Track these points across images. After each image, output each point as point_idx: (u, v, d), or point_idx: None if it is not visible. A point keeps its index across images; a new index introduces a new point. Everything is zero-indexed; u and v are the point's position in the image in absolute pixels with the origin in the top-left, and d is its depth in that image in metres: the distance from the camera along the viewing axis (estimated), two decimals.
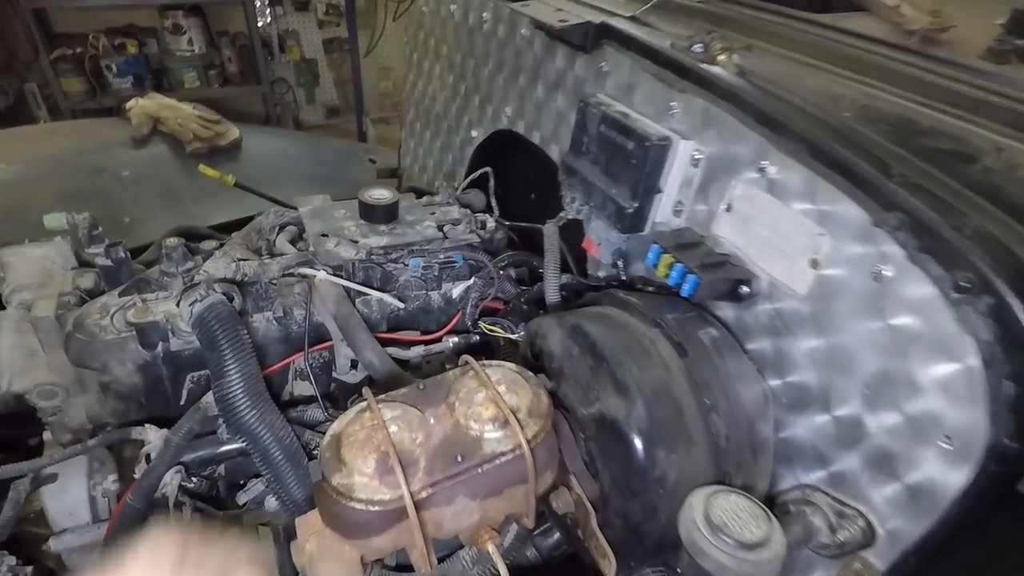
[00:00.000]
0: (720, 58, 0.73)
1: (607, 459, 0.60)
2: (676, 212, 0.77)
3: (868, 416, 0.58)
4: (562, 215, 0.91)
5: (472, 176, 1.22)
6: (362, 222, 0.98)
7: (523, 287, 1.03)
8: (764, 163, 0.65)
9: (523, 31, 1.05)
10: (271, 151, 2.11)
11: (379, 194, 0.99)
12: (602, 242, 0.86)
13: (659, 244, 0.70)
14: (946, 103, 0.67)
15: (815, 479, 0.64)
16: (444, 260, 0.96)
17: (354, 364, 0.92)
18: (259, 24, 3.99)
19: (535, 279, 1.05)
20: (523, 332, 0.90)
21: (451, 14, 1.29)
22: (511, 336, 0.90)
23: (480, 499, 0.54)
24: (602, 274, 0.93)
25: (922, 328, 0.52)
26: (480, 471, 0.53)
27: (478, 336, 0.95)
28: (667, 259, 0.69)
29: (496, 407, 0.55)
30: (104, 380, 0.82)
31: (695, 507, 0.53)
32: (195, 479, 0.82)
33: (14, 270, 0.89)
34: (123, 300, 0.83)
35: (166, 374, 0.84)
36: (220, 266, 0.86)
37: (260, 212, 1.11)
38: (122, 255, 0.86)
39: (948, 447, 0.51)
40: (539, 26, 0.95)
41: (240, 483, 0.87)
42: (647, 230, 0.80)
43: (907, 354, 0.54)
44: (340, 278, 0.90)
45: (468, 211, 1.07)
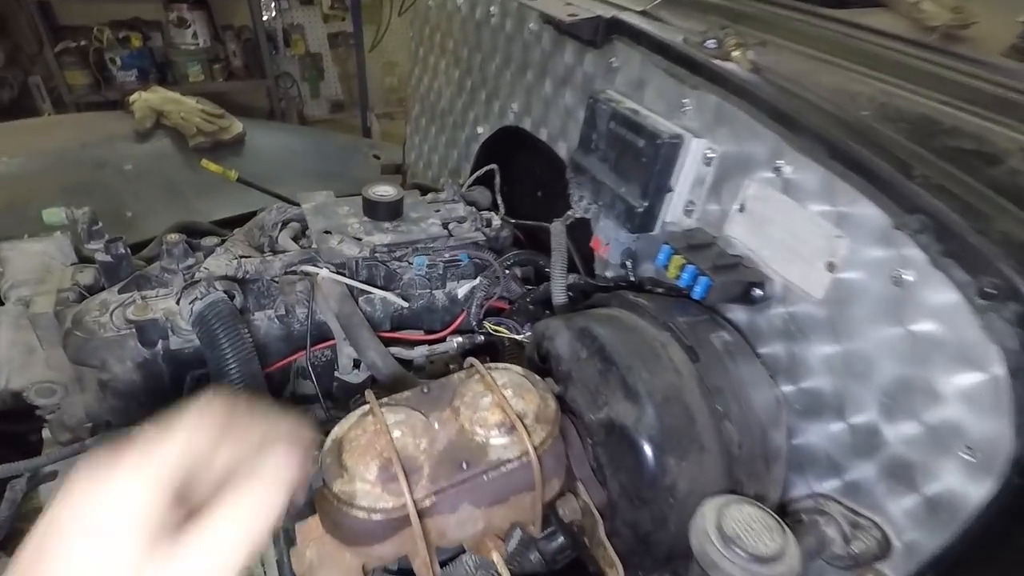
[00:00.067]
0: (734, 54, 0.71)
1: (616, 466, 0.58)
2: (687, 212, 0.75)
3: (885, 425, 0.56)
4: (570, 214, 0.89)
5: (478, 173, 1.20)
6: (366, 219, 0.97)
7: (529, 287, 1.02)
8: (779, 162, 0.63)
9: (531, 25, 1.03)
10: (275, 146, 2.09)
11: (383, 191, 0.97)
12: (611, 242, 0.84)
13: (670, 245, 0.68)
14: (968, 101, 0.64)
15: (829, 488, 0.62)
16: (449, 258, 0.95)
17: (356, 364, 0.91)
18: (264, 18, 3.98)
19: (541, 278, 1.04)
20: (529, 333, 0.89)
21: (458, 8, 1.27)
22: (516, 337, 0.89)
23: (485, 507, 0.52)
24: (610, 274, 0.91)
25: (944, 335, 0.51)
26: (485, 479, 0.51)
27: (483, 336, 0.94)
28: (678, 260, 0.67)
29: (502, 412, 0.53)
30: (103, 378, 0.81)
31: (707, 518, 0.51)
32: None
33: (13, 265, 0.88)
34: (123, 297, 0.82)
35: (166, 372, 0.83)
36: (221, 263, 0.85)
37: (263, 208, 1.10)
38: (122, 251, 0.85)
39: (970, 458, 0.50)
40: (548, 20, 0.93)
41: None
42: (657, 230, 0.78)
43: (928, 362, 0.52)
44: (343, 276, 0.89)
45: (473, 209, 1.05)
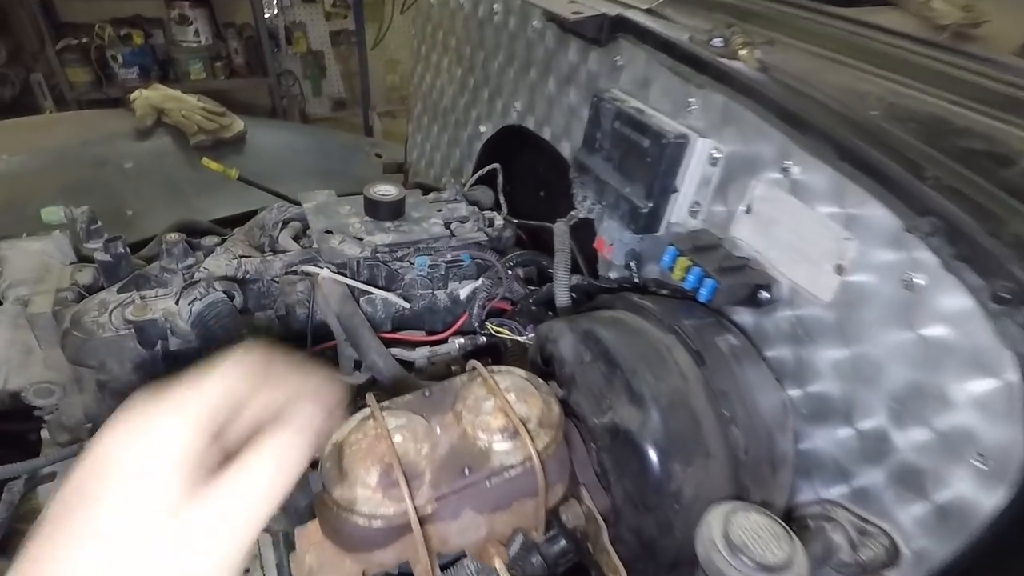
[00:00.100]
0: (741, 53, 0.70)
1: (620, 471, 0.57)
2: (692, 213, 0.74)
3: (894, 430, 0.55)
4: (573, 214, 0.88)
5: (480, 172, 1.19)
6: (367, 219, 0.96)
7: (531, 287, 1.01)
8: (787, 163, 0.62)
9: (535, 23, 1.01)
10: (276, 144, 2.09)
11: (385, 190, 0.97)
12: (614, 242, 0.83)
13: (675, 246, 0.67)
14: (980, 102, 0.63)
15: (836, 494, 0.61)
16: (451, 259, 0.94)
17: (357, 365, 0.90)
18: (266, 15, 3.97)
19: (544, 279, 1.03)
20: (531, 334, 0.88)
21: (460, 6, 1.26)
22: (519, 338, 0.88)
23: (487, 513, 0.51)
24: (614, 275, 0.90)
25: (956, 340, 0.50)
26: (488, 485, 0.50)
27: (485, 337, 0.93)
28: (684, 262, 0.66)
29: (505, 417, 0.52)
30: (101, 379, 0.80)
31: (713, 525, 0.50)
32: None
33: (11, 265, 0.87)
34: (121, 297, 0.81)
35: (165, 373, 0.82)
36: (221, 263, 0.84)
37: (264, 206, 1.09)
38: (121, 250, 0.84)
39: (982, 466, 0.49)
40: (552, 18, 0.92)
41: None
42: (662, 231, 0.77)
43: (939, 367, 0.51)
44: (344, 276, 0.88)
45: (476, 208, 1.04)
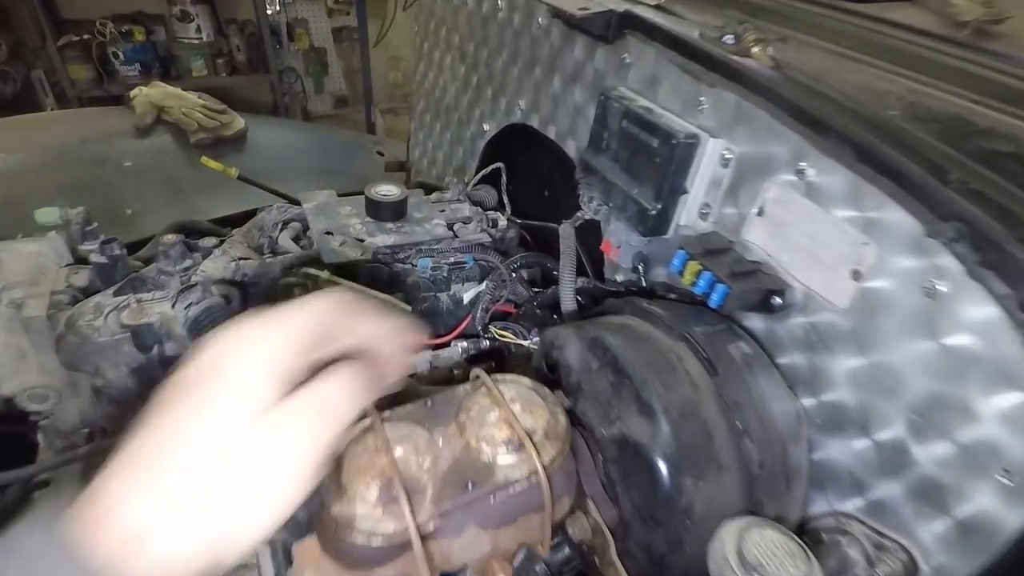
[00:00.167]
0: (754, 50, 0.68)
1: (628, 484, 0.55)
2: (702, 215, 0.72)
3: (914, 443, 0.53)
4: (579, 215, 0.86)
5: (483, 171, 1.17)
6: (368, 220, 0.94)
7: (536, 289, 0.99)
8: (802, 164, 0.60)
9: (540, 20, 0.99)
10: (277, 142, 2.07)
11: (386, 190, 0.95)
12: (622, 245, 0.81)
13: (685, 250, 0.65)
14: (1003, 101, 0.61)
15: (851, 507, 0.59)
16: (454, 261, 0.92)
17: None
18: (268, 12, 3.94)
19: (548, 281, 1.01)
20: (535, 338, 0.86)
21: (464, 2, 1.23)
22: (523, 343, 0.86)
23: (491, 529, 0.50)
24: (620, 278, 0.88)
25: (981, 351, 0.47)
26: (492, 500, 0.48)
27: (488, 341, 0.91)
28: (694, 266, 0.64)
29: (510, 428, 0.51)
30: (97, 383, 0.78)
31: (726, 542, 0.49)
32: None
33: (5, 267, 0.86)
34: (117, 300, 0.79)
35: (163, 378, 0.80)
36: (219, 265, 0.82)
37: (264, 206, 1.08)
38: (117, 252, 0.82)
39: (1007, 482, 0.47)
40: (557, 14, 0.90)
41: None
42: (670, 233, 0.75)
43: (963, 378, 0.49)
44: (345, 279, 0.86)
45: (479, 209, 1.02)
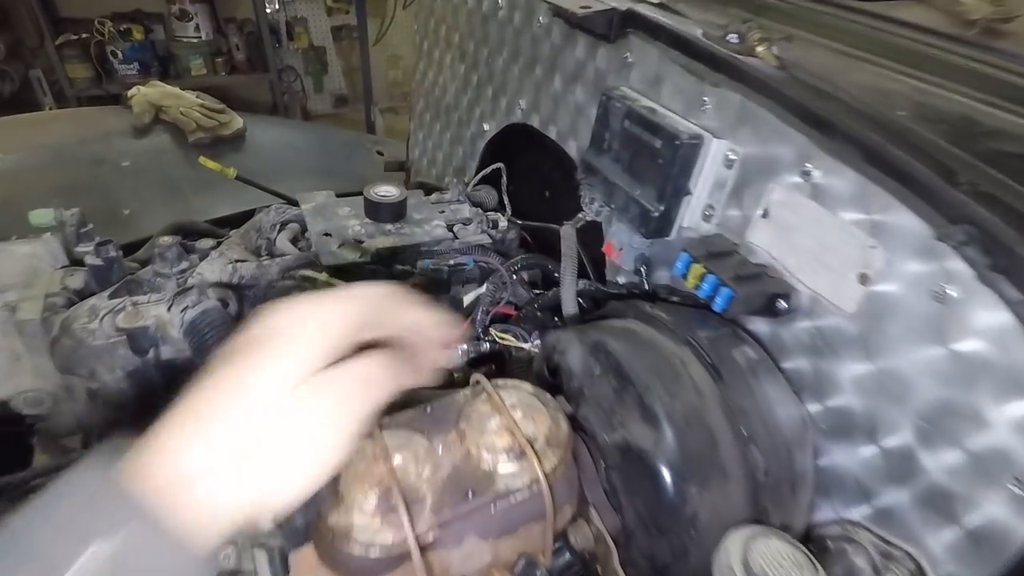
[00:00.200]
0: (758, 49, 0.67)
1: (631, 492, 0.54)
2: (706, 217, 0.71)
3: (922, 450, 0.52)
4: (580, 216, 0.85)
5: (484, 172, 1.16)
6: (367, 221, 0.93)
7: (536, 290, 0.98)
8: (808, 166, 0.59)
9: (541, 18, 0.98)
10: (276, 142, 2.05)
11: (386, 191, 0.94)
12: (624, 247, 0.80)
13: (689, 253, 0.64)
14: (1013, 101, 0.60)
15: (857, 514, 0.58)
16: (454, 263, 0.91)
17: None
18: (267, 11, 3.93)
19: (549, 282, 1.00)
20: (536, 340, 0.85)
21: (464, 0, 1.22)
22: (523, 345, 0.85)
23: (492, 539, 0.49)
24: (622, 280, 0.87)
25: (993, 357, 0.46)
26: (493, 510, 0.47)
27: (488, 344, 0.90)
28: (698, 269, 0.63)
29: (511, 436, 0.50)
30: (92, 387, 0.77)
31: (732, 552, 0.48)
32: None
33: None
34: (113, 303, 0.78)
35: (159, 382, 0.80)
36: (216, 268, 0.81)
37: (263, 206, 1.07)
38: (113, 254, 0.81)
39: (1020, 491, 0.46)
40: (558, 13, 0.89)
41: None
42: (673, 235, 0.74)
43: (973, 385, 0.48)
44: (343, 281, 0.85)
45: (479, 210, 1.01)
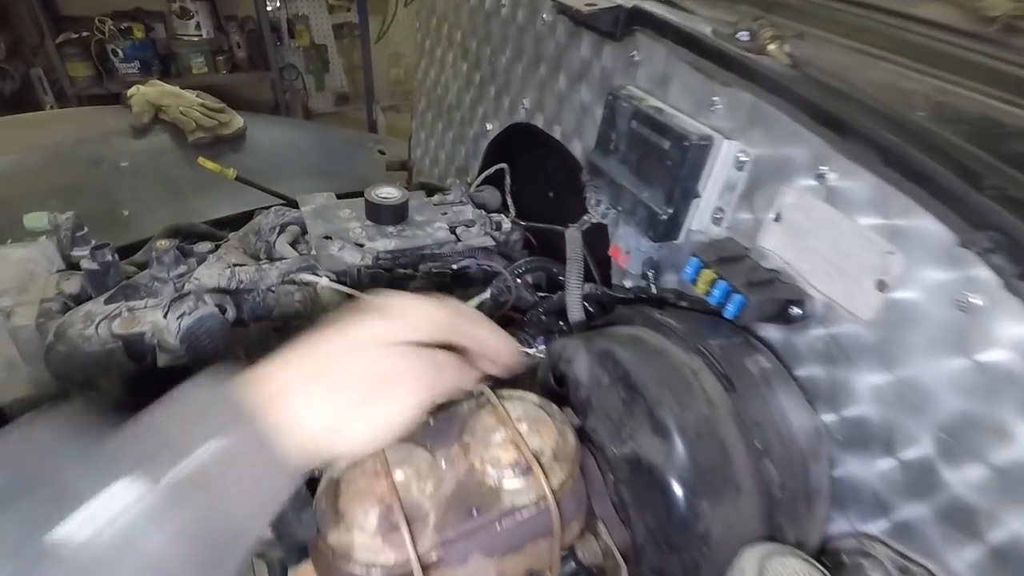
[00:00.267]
0: (770, 47, 0.65)
1: (641, 507, 0.53)
2: (715, 220, 0.69)
3: (943, 464, 0.50)
4: (586, 219, 0.83)
5: (487, 172, 1.14)
6: (368, 223, 0.91)
7: (541, 293, 0.96)
8: (823, 168, 0.57)
9: (545, 16, 0.96)
10: (276, 141, 2.03)
11: (387, 193, 0.92)
12: (631, 250, 0.78)
13: (699, 257, 0.62)
14: None
15: (874, 528, 0.56)
16: (457, 267, 0.89)
17: None
18: (268, 8, 3.90)
19: (554, 286, 0.98)
20: (541, 345, 0.83)
21: None
22: (528, 351, 0.83)
23: (497, 557, 0.47)
24: (629, 284, 0.85)
25: (1019, 369, 0.44)
26: (498, 527, 0.46)
27: None
28: (708, 275, 0.61)
29: (517, 450, 0.48)
30: (88, 394, 0.76)
31: (746, 571, 0.46)
32: None
33: None
34: (109, 308, 0.77)
35: (156, 389, 0.78)
36: (213, 272, 0.80)
37: (263, 206, 1.05)
38: (109, 258, 0.79)
39: None
40: (563, 11, 0.87)
41: None
42: (682, 239, 0.72)
43: (998, 397, 0.46)
44: (344, 285, 0.83)
45: (482, 212, 0.99)
